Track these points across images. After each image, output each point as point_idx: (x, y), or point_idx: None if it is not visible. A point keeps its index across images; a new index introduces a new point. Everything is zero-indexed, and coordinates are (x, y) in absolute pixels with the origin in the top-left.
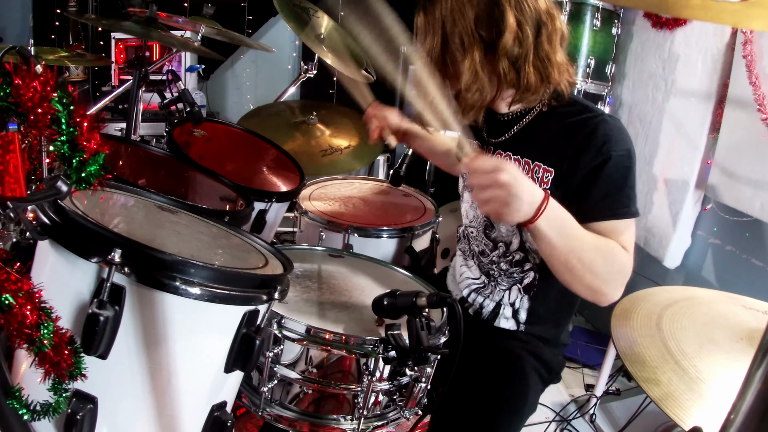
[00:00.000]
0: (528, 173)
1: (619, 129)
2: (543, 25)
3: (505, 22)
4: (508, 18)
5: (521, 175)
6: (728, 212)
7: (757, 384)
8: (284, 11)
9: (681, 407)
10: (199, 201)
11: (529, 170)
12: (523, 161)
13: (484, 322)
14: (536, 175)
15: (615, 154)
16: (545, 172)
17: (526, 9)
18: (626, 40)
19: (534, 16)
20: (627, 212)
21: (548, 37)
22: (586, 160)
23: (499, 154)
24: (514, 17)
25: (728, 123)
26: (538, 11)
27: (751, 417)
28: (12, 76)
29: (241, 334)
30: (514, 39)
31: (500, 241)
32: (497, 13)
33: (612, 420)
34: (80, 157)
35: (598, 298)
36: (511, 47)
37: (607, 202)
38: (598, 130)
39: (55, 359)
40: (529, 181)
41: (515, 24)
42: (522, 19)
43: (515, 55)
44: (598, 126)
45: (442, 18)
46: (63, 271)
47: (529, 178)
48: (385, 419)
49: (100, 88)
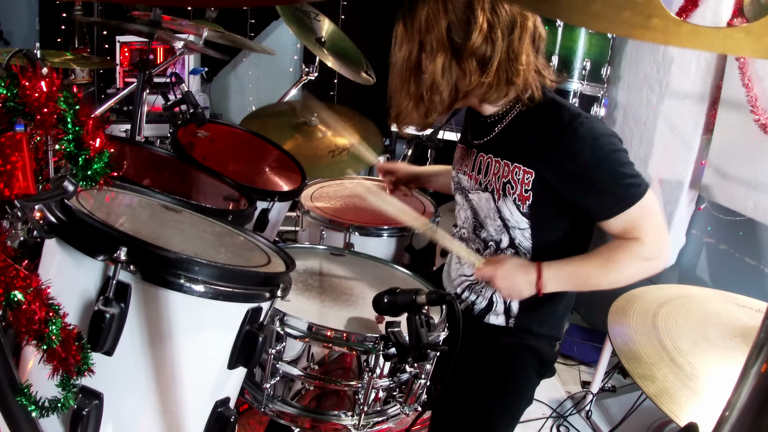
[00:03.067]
0: (508, 175)
1: (596, 127)
2: (515, 25)
3: (476, 23)
4: (479, 19)
5: (511, 272)
6: (722, 212)
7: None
8: (286, 15)
9: (676, 403)
10: (203, 200)
11: (509, 172)
12: (503, 163)
13: (474, 318)
14: (516, 176)
15: (600, 153)
16: (525, 173)
17: (499, 11)
18: (621, 43)
19: (508, 17)
20: (632, 198)
21: (519, 36)
22: (572, 164)
23: (482, 156)
24: (485, 18)
25: (722, 124)
26: (512, 12)
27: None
28: (19, 78)
29: (245, 331)
30: (484, 39)
31: (490, 240)
32: (470, 16)
33: (608, 416)
34: (86, 156)
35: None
36: (480, 47)
37: (610, 199)
38: (576, 134)
39: (63, 355)
40: (520, 271)
41: (486, 25)
42: (493, 20)
43: (485, 56)
44: (576, 129)
45: (419, 27)
46: (70, 269)
47: (519, 267)
48: (385, 415)
49: (105, 91)
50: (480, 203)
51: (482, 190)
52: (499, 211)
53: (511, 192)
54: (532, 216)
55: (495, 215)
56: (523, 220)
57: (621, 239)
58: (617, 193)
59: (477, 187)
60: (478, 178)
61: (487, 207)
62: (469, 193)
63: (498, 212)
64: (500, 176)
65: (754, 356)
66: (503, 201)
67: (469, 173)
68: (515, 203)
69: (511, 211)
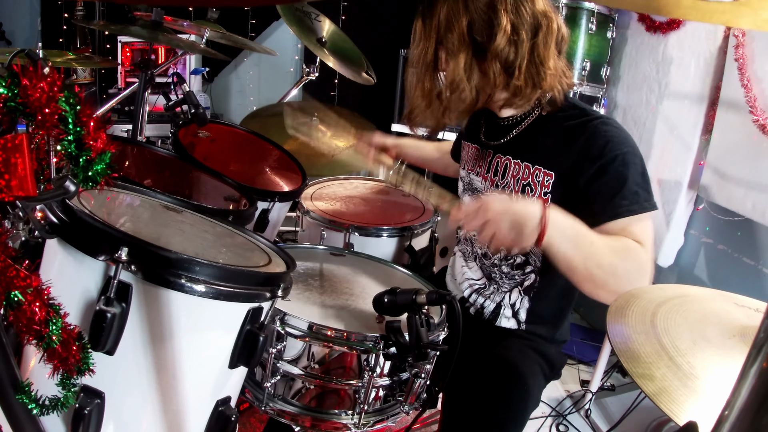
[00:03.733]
0: (528, 177)
1: (618, 129)
2: (540, 27)
3: (500, 25)
4: (503, 21)
5: (507, 200)
6: (720, 212)
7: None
8: (287, 15)
9: (675, 402)
10: (204, 201)
11: (530, 174)
12: (523, 165)
13: (485, 321)
14: (536, 178)
15: (617, 154)
16: (545, 175)
17: (523, 12)
18: (621, 44)
19: (531, 19)
20: (637, 208)
21: (544, 40)
22: (590, 163)
23: (499, 157)
24: (508, 20)
25: (720, 125)
26: (536, 14)
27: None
28: (20, 78)
29: (245, 331)
30: (508, 42)
31: None
32: (492, 17)
33: (607, 415)
34: (87, 156)
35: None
36: (504, 50)
37: (616, 201)
38: (598, 133)
39: (63, 355)
40: (519, 200)
41: (510, 27)
42: (517, 22)
43: (509, 59)
44: (597, 128)
45: (438, 24)
46: (71, 269)
47: (513, 199)
48: (385, 414)
49: (107, 91)
50: None
51: (498, 192)
52: None
53: (530, 194)
54: None
55: None
56: None
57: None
58: (626, 196)
59: (493, 189)
60: (494, 180)
61: None
62: (483, 194)
63: None
64: (519, 178)
65: (754, 355)
66: None
67: (484, 174)
68: None
69: None
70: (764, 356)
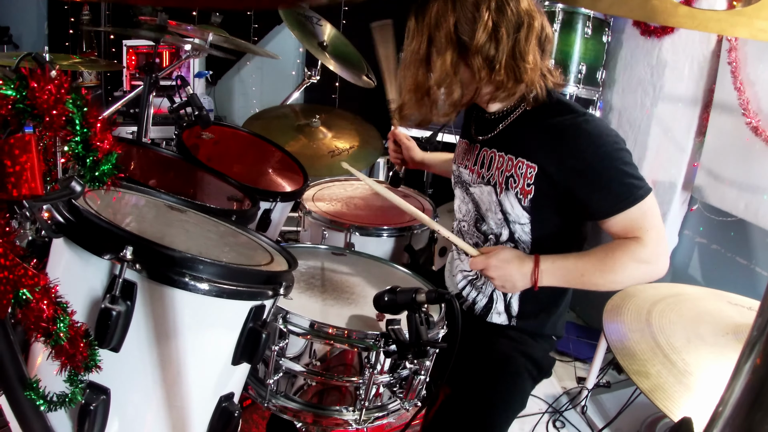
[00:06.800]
0: (511, 169)
1: (601, 126)
2: (522, 24)
3: (482, 22)
4: (485, 18)
5: (505, 264)
6: (714, 212)
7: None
8: (289, 20)
9: (670, 399)
10: (207, 201)
11: (513, 166)
12: (507, 157)
13: (477, 317)
14: (519, 170)
15: (603, 150)
16: (528, 167)
17: (506, 10)
18: (616, 48)
19: (514, 17)
20: (634, 199)
21: (526, 36)
22: (575, 162)
23: (485, 150)
24: (491, 17)
25: (714, 127)
26: (519, 12)
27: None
28: (28, 80)
29: (248, 328)
30: (489, 38)
31: (490, 234)
32: (476, 15)
33: (603, 411)
34: (94, 157)
35: (650, 280)
36: (485, 45)
37: (611, 197)
38: (582, 131)
39: (71, 352)
40: (515, 262)
41: (491, 24)
42: (499, 20)
43: (489, 54)
44: (581, 126)
45: (429, 22)
46: (77, 268)
47: (515, 258)
48: (386, 410)
49: (113, 93)
50: (482, 197)
51: (484, 184)
52: (501, 204)
53: (513, 186)
54: (533, 210)
55: (496, 208)
56: (524, 214)
57: (621, 239)
58: (619, 191)
59: (479, 181)
60: (480, 172)
61: (489, 200)
62: (471, 186)
63: (500, 205)
64: (503, 170)
65: (747, 353)
66: (505, 195)
67: (471, 167)
68: (517, 197)
69: (513, 204)
70: (757, 353)
